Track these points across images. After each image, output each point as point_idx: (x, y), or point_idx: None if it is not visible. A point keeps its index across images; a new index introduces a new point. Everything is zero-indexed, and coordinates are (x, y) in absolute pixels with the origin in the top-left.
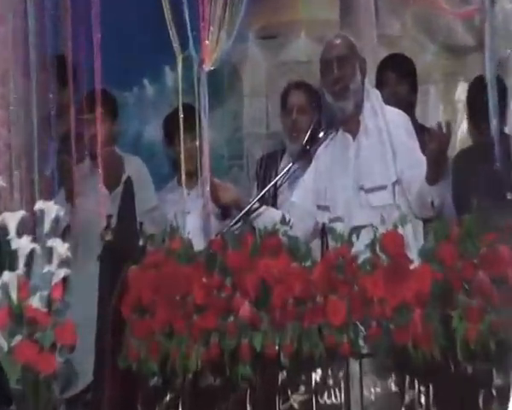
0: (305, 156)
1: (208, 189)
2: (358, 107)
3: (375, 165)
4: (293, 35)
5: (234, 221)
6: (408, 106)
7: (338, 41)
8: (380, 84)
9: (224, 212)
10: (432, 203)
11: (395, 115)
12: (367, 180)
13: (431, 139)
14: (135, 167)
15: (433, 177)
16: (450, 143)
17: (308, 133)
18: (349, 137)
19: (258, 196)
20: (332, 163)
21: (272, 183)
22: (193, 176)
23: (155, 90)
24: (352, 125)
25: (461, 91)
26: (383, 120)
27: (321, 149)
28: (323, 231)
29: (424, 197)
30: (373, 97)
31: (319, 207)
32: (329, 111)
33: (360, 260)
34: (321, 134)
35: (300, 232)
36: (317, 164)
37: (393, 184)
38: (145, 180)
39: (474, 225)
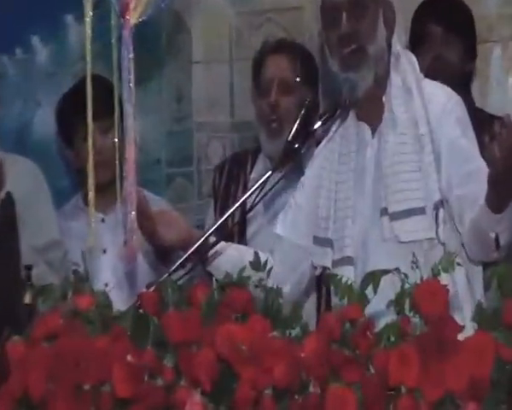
0: (292, 159)
1: (133, 214)
2: (381, 81)
3: (407, 175)
4: None
5: (176, 265)
6: (461, 80)
7: None
8: (416, 45)
9: (162, 251)
10: (496, 241)
11: (441, 96)
12: (393, 200)
13: (499, 138)
14: (22, 177)
15: (499, 200)
16: None
17: (297, 123)
18: (366, 128)
19: (216, 225)
20: (338, 171)
21: (239, 202)
22: (109, 192)
23: (50, 53)
24: (370, 110)
25: None
26: (421, 103)
27: (319, 149)
28: (322, 281)
29: (483, 231)
30: (405, 66)
31: (317, 240)
32: (333, 87)
33: (379, 327)
34: (318, 123)
35: (286, 283)
36: (313, 172)
37: (435, 207)
38: (39, 199)
39: None
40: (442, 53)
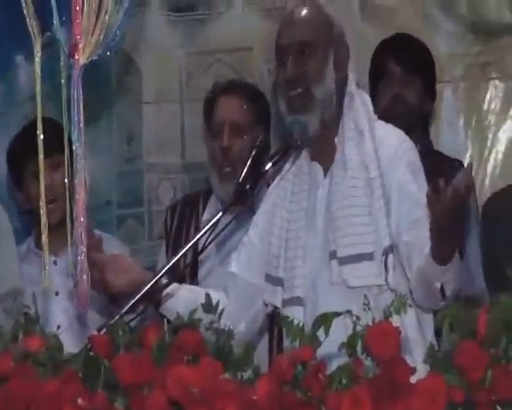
0: (243, 201)
1: (84, 256)
2: (333, 122)
3: (357, 219)
4: (224, 5)
5: (127, 307)
6: (420, 120)
7: (302, 12)
8: (376, 83)
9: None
10: (442, 290)
11: (393, 139)
12: (342, 244)
13: (442, 193)
14: None
15: (442, 252)
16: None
17: (247, 164)
18: (318, 168)
19: (168, 266)
20: (289, 210)
21: (190, 243)
22: (60, 234)
23: (0, 92)
24: (323, 150)
25: (494, 95)
26: (373, 146)
27: (272, 186)
28: (273, 321)
29: (429, 280)
30: (359, 107)
31: (268, 278)
32: (284, 127)
33: (331, 369)
34: (269, 164)
35: (240, 321)
36: (265, 209)
37: (385, 253)
38: (2, 245)
39: None
40: (401, 92)
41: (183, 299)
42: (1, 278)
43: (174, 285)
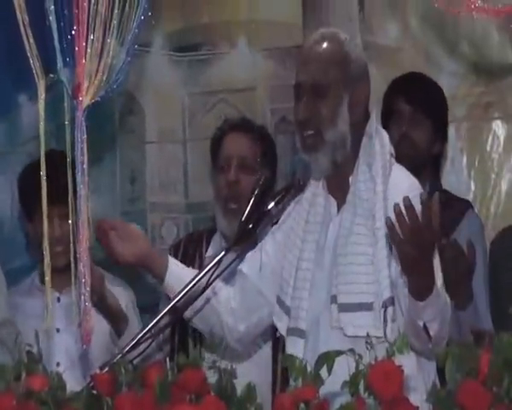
0: (246, 239)
1: (87, 295)
2: (347, 161)
3: (360, 268)
4: (228, 45)
5: (129, 346)
6: (429, 161)
7: (320, 49)
8: (386, 122)
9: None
10: (425, 329)
11: (403, 187)
12: (343, 290)
13: (401, 221)
14: None
15: (416, 285)
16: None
17: (250, 203)
18: (333, 202)
19: (169, 306)
20: (303, 239)
21: (191, 284)
22: (66, 272)
23: (3, 131)
24: (337, 186)
25: (496, 135)
26: (383, 194)
27: (290, 208)
28: (277, 353)
29: (413, 319)
30: (376, 149)
31: (279, 302)
32: (296, 162)
33: (334, 408)
34: (271, 204)
35: (243, 321)
36: (283, 228)
37: (384, 305)
38: None
39: None
40: (408, 132)
41: (177, 277)
42: None
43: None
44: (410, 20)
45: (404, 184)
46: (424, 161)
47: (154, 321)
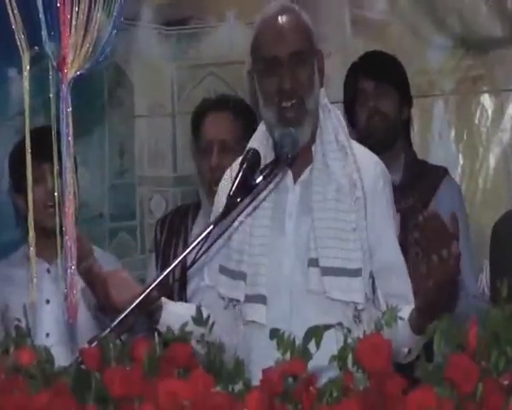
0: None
1: (73, 268)
2: (313, 132)
3: (342, 233)
4: (216, 18)
5: (117, 321)
6: (400, 131)
7: (287, 20)
8: (351, 101)
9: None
10: (408, 352)
11: (371, 163)
12: (326, 255)
13: (434, 270)
14: None
15: (425, 324)
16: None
17: (238, 177)
18: (288, 173)
19: (156, 282)
20: (253, 206)
21: (178, 260)
22: (56, 242)
23: None
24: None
25: (485, 108)
26: (355, 166)
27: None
28: None
29: (398, 343)
30: (334, 121)
31: (227, 272)
32: (274, 140)
33: (322, 382)
34: (260, 178)
35: (228, 336)
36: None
37: (372, 275)
38: None
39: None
40: (376, 105)
41: (172, 313)
42: None
43: (164, 299)
44: None
45: (371, 159)
46: (396, 131)
47: (142, 296)
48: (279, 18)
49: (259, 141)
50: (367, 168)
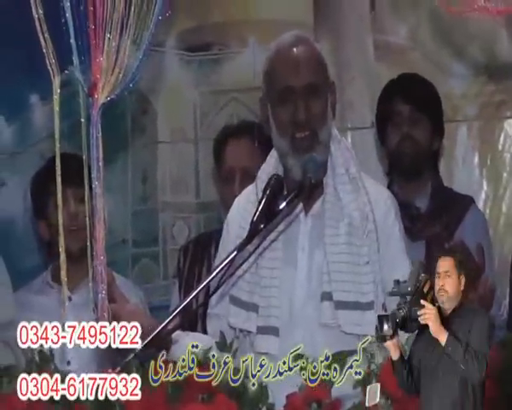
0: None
1: (104, 293)
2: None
3: (356, 268)
4: (239, 44)
5: (141, 346)
6: (429, 158)
7: (301, 49)
8: (383, 123)
9: None
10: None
11: (384, 196)
12: (340, 288)
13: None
14: None
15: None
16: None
17: (261, 203)
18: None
19: (178, 309)
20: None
21: (201, 286)
22: (76, 269)
23: (15, 132)
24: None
25: (508, 133)
26: (367, 198)
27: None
28: None
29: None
30: (346, 153)
31: (238, 302)
32: (287, 165)
33: (346, 408)
34: (283, 204)
35: None
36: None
37: (384, 307)
38: None
39: None
40: (410, 131)
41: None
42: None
43: (179, 332)
44: (421, 21)
45: (381, 190)
46: (425, 160)
47: (166, 322)
48: (294, 49)
49: (274, 167)
50: (378, 201)
